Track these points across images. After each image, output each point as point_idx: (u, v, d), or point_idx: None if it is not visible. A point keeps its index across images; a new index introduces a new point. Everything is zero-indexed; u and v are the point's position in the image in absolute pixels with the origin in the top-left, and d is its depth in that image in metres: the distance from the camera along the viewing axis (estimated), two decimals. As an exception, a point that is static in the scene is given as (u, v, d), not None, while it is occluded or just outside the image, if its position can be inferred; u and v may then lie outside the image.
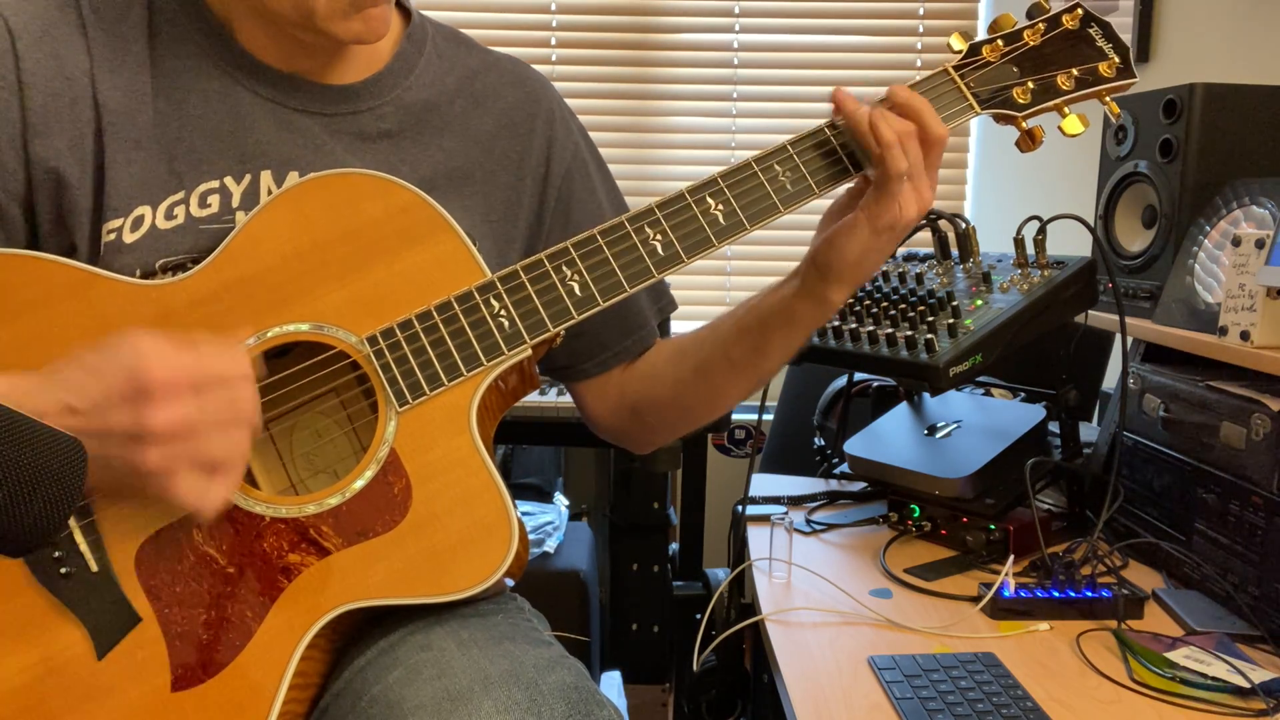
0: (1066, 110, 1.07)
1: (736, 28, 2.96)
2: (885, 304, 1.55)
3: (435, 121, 1.10)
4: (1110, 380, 1.98)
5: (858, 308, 1.57)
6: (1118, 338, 1.53)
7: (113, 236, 0.98)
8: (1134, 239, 1.71)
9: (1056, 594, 1.33)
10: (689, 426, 1.22)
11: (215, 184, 1.02)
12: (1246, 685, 1.12)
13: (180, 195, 1.01)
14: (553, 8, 2.92)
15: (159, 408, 0.82)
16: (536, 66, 1.24)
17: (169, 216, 1.00)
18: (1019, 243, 1.54)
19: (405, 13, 1.14)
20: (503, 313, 0.97)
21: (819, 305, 1.06)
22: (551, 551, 2.40)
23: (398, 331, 0.96)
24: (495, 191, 1.12)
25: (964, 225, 1.61)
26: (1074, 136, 1.06)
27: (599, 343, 1.17)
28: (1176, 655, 1.19)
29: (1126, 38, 1.09)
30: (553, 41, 2.93)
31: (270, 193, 1.02)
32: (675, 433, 1.23)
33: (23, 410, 0.82)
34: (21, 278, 0.94)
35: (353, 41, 1.02)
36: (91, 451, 0.80)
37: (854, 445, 1.71)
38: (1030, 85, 1.05)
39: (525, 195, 1.13)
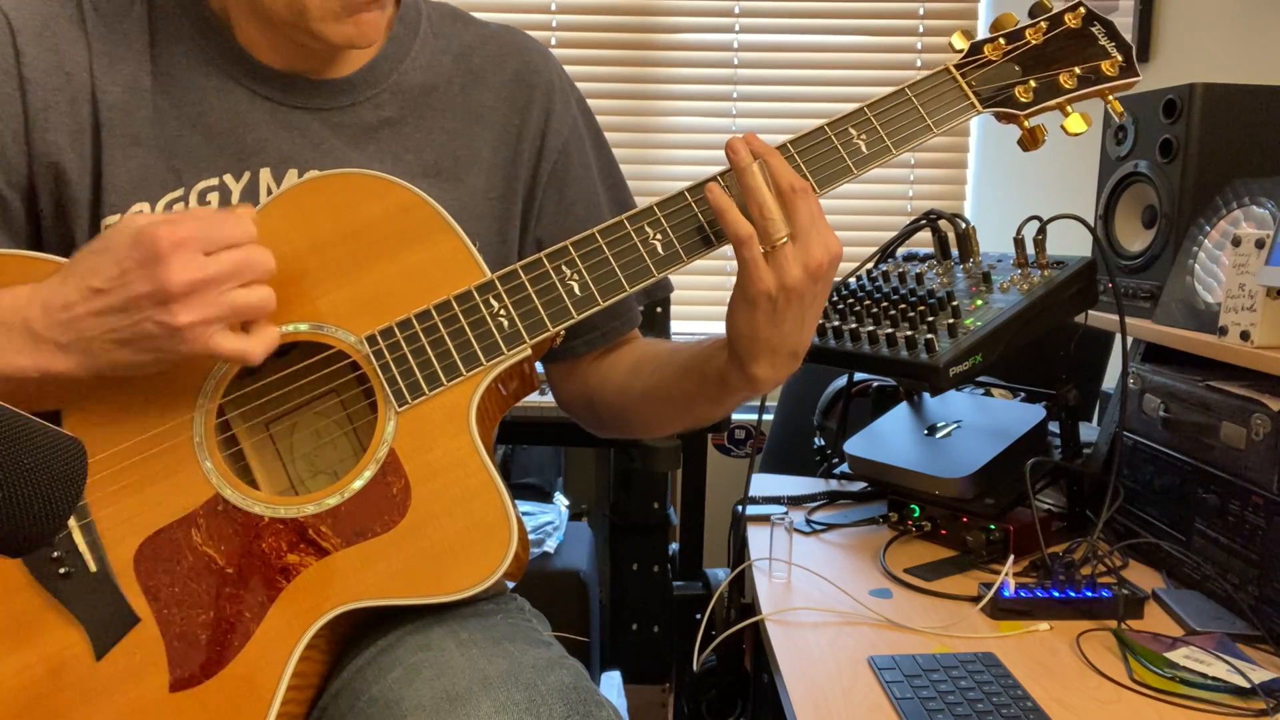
0: (1069, 109, 1.07)
1: (736, 28, 2.95)
2: (885, 304, 1.55)
3: (436, 104, 1.10)
4: (1110, 380, 1.98)
5: (857, 308, 1.57)
6: (1118, 338, 1.53)
7: None
8: (1134, 239, 1.71)
9: (1056, 594, 1.33)
10: (630, 435, 1.23)
11: (214, 181, 1.02)
12: (1246, 685, 1.12)
13: (179, 192, 1.01)
14: (553, 8, 2.93)
15: (175, 265, 0.83)
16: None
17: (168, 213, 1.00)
18: (1019, 243, 1.54)
19: None
20: (502, 313, 0.97)
21: (744, 379, 1.00)
22: (551, 551, 2.40)
23: (397, 331, 0.96)
24: (495, 167, 1.11)
25: (964, 225, 1.61)
26: (1077, 135, 1.06)
27: (587, 323, 1.16)
28: (1176, 655, 1.19)
29: (1126, 37, 1.09)
30: (553, 41, 2.93)
31: (269, 191, 1.02)
32: (620, 434, 1.24)
33: (51, 306, 0.85)
34: (19, 277, 0.93)
35: (344, 45, 1.01)
36: (127, 327, 0.84)
37: (854, 445, 1.70)
38: (1032, 84, 1.05)
39: (522, 169, 1.13)
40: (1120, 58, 1.07)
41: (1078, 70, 1.06)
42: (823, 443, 1.93)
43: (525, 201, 1.14)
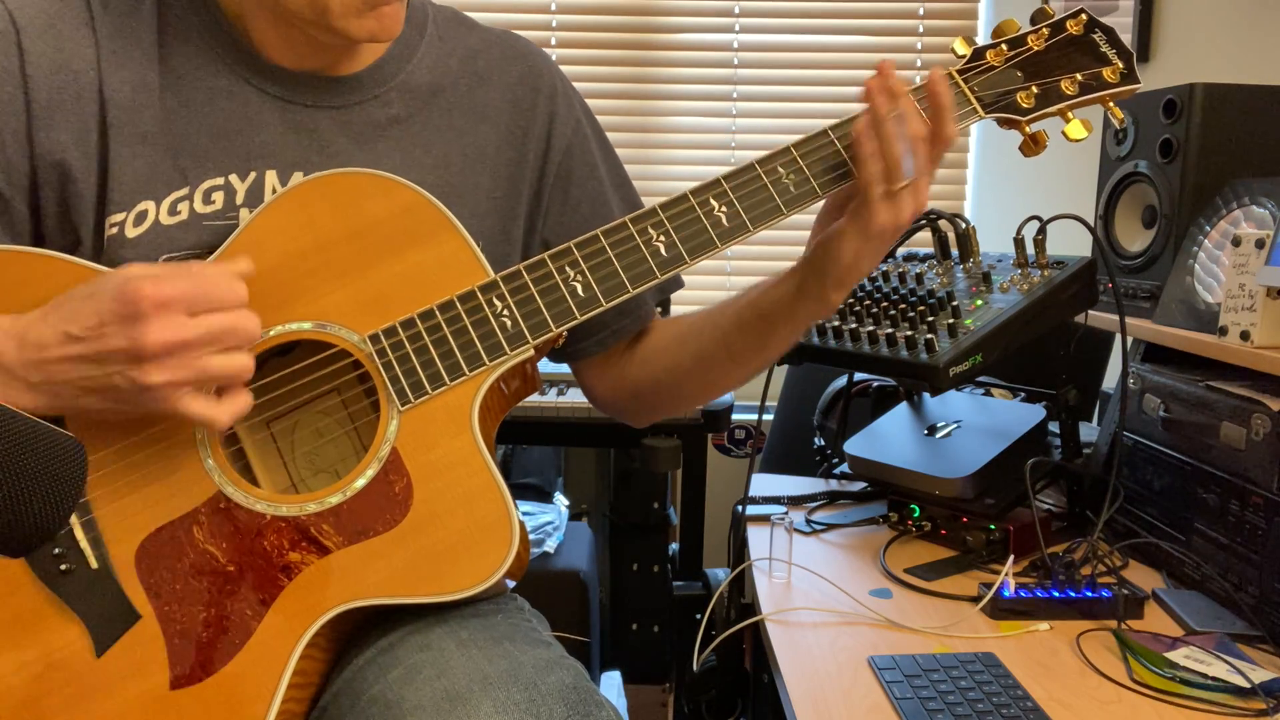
0: (1070, 115, 1.07)
1: (736, 28, 2.96)
2: (885, 304, 1.55)
3: (442, 103, 1.11)
4: (1110, 380, 1.98)
5: (857, 308, 1.57)
6: (1118, 338, 1.53)
7: (115, 230, 0.99)
8: (1134, 239, 1.71)
9: (1056, 594, 1.33)
10: (688, 408, 1.24)
11: (220, 181, 1.02)
12: (1246, 685, 1.12)
13: (184, 191, 1.01)
14: (553, 8, 2.93)
15: (152, 326, 0.83)
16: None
17: (173, 212, 1.00)
18: (1019, 243, 1.54)
19: None
20: (505, 312, 0.97)
21: (820, 305, 1.06)
22: (551, 551, 2.40)
23: (400, 330, 0.96)
24: (500, 167, 1.12)
25: (964, 225, 1.61)
26: (1078, 141, 1.06)
27: (597, 322, 1.17)
28: (1176, 655, 1.19)
29: (1126, 38, 1.09)
30: (553, 41, 2.93)
31: (275, 191, 1.02)
32: (674, 412, 1.26)
33: (26, 343, 0.84)
34: (28, 274, 0.94)
35: (367, 39, 1.02)
36: (97, 378, 0.84)
37: (854, 445, 1.71)
38: (1034, 90, 1.05)
39: (526, 171, 1.14)
40: (1121, 64, 1.07)
41: (1079, 77, 1.07)
42: (823, 443, 1.93)
43: (531, 203, 1.14)
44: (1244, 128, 1.56)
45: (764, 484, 1.83)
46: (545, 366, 1.19)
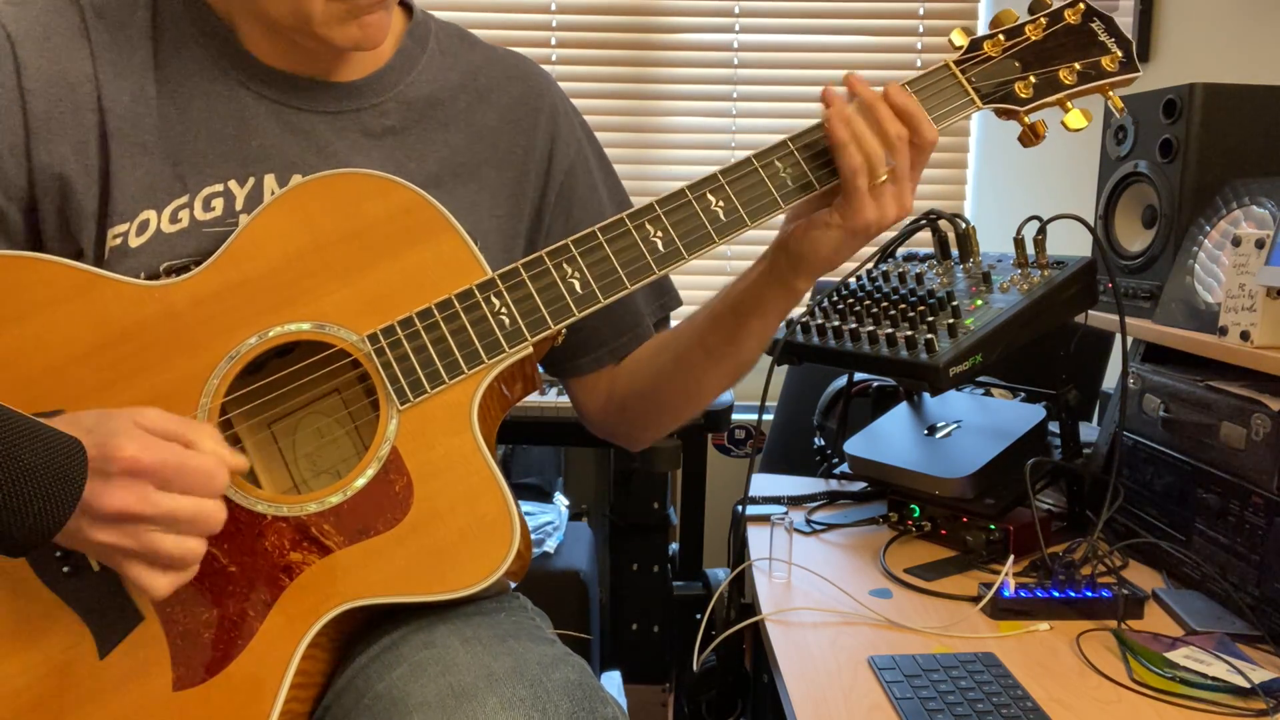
0: (1069, 105, 1.07)
1: (736, 28, 2.96)
2: (885, 304, 1.55)
3: (440, 116, 1.11)
4: (1110, 380, 1.98)
5: (857, 308, 1.57)
6: (1118, 338, 1.53)
7: (118, 241, 0.99)
8: (1134, 239, 1.71)
9: (1056, 594, 1.33)
10: (673, 421, 1.22)
11: (219, 187, 1.02)
12: (1246, 685, 1.12)
13: (184, 199, 1.01)
14: (553, 8, 2.93)
15: (112, 490, 0.81)
16: (536, 67, 1.24)
17: (173, 220, 1.00)
18: (1019, 243, 1.54)
19: (407, 9, 1.14)
20: (503, 310, 0.98)
21: (787, 292, 1.07)
22: (551, 551, 2.40)
23: (399, 329, 0.96)
24: (500, 186, 1.12)
25: (964, 225, 1.61)
26: (1077, 131, 1.06)
27: (596, 338, 1.17)
28: (1176, 655, 1.19)
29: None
30: (553, 41, 2.93)
31: (274, 194, 1.02)
32: (660, 428, 1.23)
33: None
34: (27, 279, 0.94)
35: (351, 48, 1.02)
36: None
37: (854, 445, 1.71)
38: (1032, 80, 1.05)
39: (529, 190, 1.14)
40: (1120, 53, 1.07)
41: (1078, 66, 1.06)
42: (823, 443, 1.93)
43: (532, 222, 1.15)
44: (1244, 128, 1.56)
45: (764, 484, 1.83)
46: (545, 367, 1.19)
